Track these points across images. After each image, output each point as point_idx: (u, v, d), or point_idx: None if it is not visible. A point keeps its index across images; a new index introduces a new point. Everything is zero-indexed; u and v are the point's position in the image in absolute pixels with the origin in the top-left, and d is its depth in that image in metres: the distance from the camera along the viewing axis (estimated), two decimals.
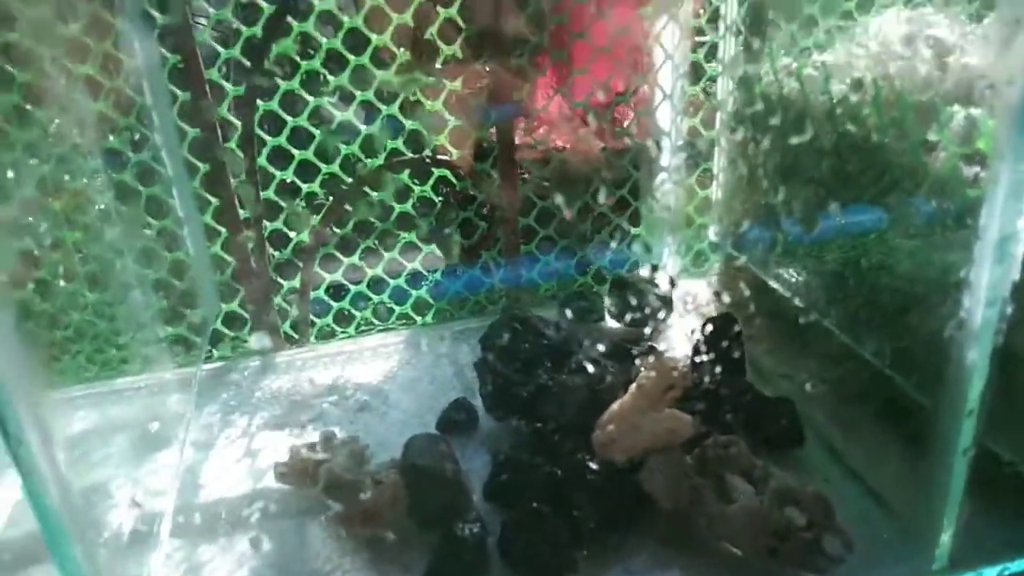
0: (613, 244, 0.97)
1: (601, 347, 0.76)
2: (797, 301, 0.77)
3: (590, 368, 0.70)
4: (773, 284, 0.80)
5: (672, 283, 0.86)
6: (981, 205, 0.45)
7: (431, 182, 0.91)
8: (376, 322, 0.96)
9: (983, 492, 0.53)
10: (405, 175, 0.90)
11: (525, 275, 0.99)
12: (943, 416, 0.50)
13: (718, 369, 0.71)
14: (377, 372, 0.85)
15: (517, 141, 0.89)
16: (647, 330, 0.83)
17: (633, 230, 0.98)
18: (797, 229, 0.75)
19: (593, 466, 0.61)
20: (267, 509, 0.64)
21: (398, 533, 0.60)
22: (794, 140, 0.72)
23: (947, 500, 0.52)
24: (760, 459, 0.60)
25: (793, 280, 0.78)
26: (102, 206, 0.79)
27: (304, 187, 0.88)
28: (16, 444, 0.36)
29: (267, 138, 0.83)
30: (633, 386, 0.63)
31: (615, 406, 0.63)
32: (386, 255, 0.93)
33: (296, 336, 0.93)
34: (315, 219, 0.89)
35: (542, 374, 0.71)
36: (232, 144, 0.83)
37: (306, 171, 0.87)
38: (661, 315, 0.85)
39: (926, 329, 0.59)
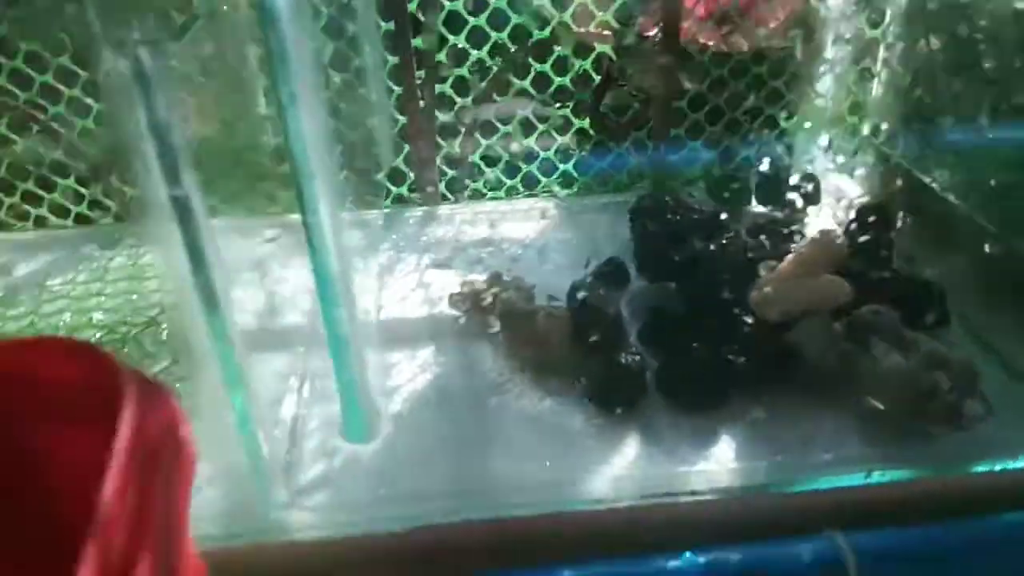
0: (763, 136, 0.99)
1: (752, 224, 0.80)
2: (952, 198, 0.78)
3: (745, 239, 0.74)
4: (926, 180, 0.81)
5: (814, 179, 0.88)
6: None
7: (591, 58, 0.94)
8: (523, 189, 1.02)
9: None
10: (569, 49, 0.93)
11: (671, 159, 1.02)
12: None
13: (869, 251, 0.74)
14: (529, 230, 0.91)
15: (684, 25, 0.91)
16: (796, 215, 0.86)
17: (784, 123, 0.99)
18: (958, 132, 0.76)
19: (748, 320, 0.66)
20: (442, 329, 0.73)
21: (564, 360, 0.67)
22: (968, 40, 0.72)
23: None
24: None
25: (947, 178, 0.80)
26: None
27: (474, 53, 0.93)
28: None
29: (446, 2, 0.88)
30: (792, 255, 0.68)
31: (773, 272, 0.68)
32: (540, 127, 0.98)
33: (452, 196, 1.00)
34: (483, 85, 0.94)
35: (696, 242, 0.75)
36: (413, 5, 0.88)
37: (478, 38, 0.92)
38: (808, 206, 0.88)
39: None
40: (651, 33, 0.92)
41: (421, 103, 0.92)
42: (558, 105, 0.97)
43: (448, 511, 0.54)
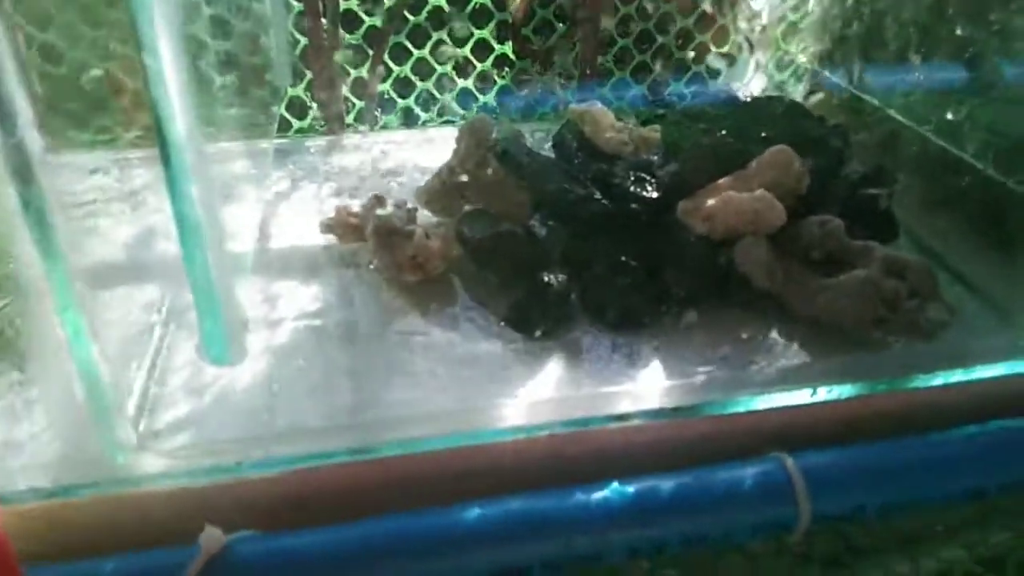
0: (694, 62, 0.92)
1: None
2: (893, 112, 0.73)
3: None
4: (867, 98, 0.76)
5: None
6: None
7: None
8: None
9: None
10: None
11: (599, 91, 0.95)
12: None
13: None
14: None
15: None
16: None
17: (715, 48, 0.93)
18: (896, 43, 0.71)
19: (685, 236, 0.59)
20: (322, 257, 0.64)
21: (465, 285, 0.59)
22: None
23: None
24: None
25: (888, 92, 0.74)
26: None
27: None
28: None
29: None
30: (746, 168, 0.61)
31: (718, 182, 0.61)
32: (457, 51, 0.90)
33: (360, 127, 0.91)
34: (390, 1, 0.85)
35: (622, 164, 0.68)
36: None
37: None
38: None
39: None
40: None
41: (323, 21, 0.83)
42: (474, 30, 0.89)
43: (336, 448, 0.46)
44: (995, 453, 0.49)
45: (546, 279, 0.56)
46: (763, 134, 0.65)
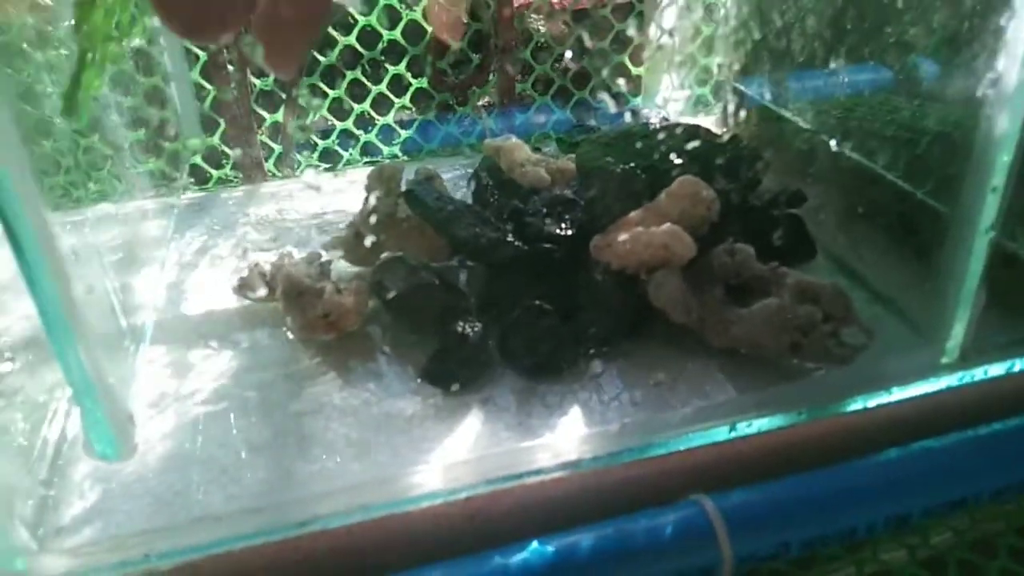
0: (615, 85, 0.92)
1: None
2: (807, 124, 0.73)
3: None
4: (783, 112, 0.76)
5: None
6: None
7: (421, 5, 0.85)
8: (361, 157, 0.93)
9: (997, 293, 0.51)
10: None
11: (521, 118, 0.95)
12: (967, 192, 0.48)
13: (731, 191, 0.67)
14: None
15: None
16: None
17: (634, 69, 0.93)
18: (806, 51, 0.71)
19: (599, 275, 0.58)
20: (236, 321, 0.62)
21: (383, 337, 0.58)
22: None
23: (963, 288, 0.50)
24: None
25: (803, 107, 0.75)
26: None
27: None
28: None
29: None
30: (648, 204, 0.61)
31: (628, 216, 0.60)
32: (373, 88, 0.89)
33: (278, 172, 0.89)
34: None
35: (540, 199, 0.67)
36: None
37: None
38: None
39: (945, 123, 0.56)
40: None
41: (230, 67, 0.81)
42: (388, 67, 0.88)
43: (247, 532, 0.44)
44: (917, 475, 0.49)
45: (462, 329, 0.55)
46: (674, 162, 0.65)
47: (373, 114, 0.90)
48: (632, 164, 0.63)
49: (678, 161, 0.65)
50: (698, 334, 0.56)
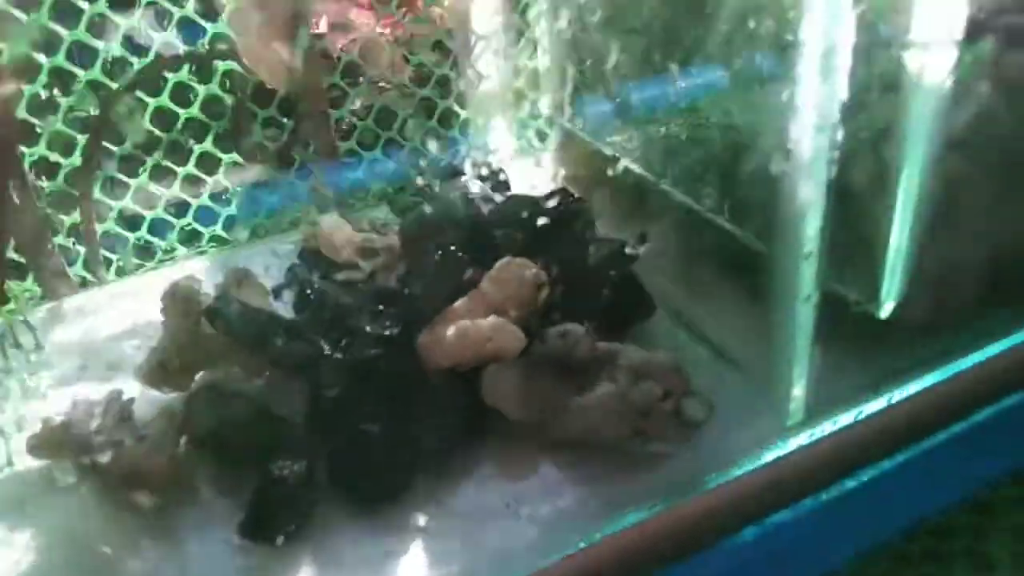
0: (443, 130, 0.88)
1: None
2: (635, 166, 0.71)
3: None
4: (610, 152, 0.74)
5: (494, 171, 0.77)
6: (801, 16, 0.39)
7: (217, 78, 0.78)
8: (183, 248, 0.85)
9: (834, 337, 0.50)
10: (184, 72, 0.77)
11: (350, 177, 0.89)
12: (781, 261, 0.46)
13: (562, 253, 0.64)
14: None
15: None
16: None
17: (462, 112, 0.89)
18: (629, 94, 0.69)
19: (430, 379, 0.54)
20: (35, 486, 0.55)
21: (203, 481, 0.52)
22: None
23: (795, 352, 0.49)
24: (606, 337, 0.55)
25: (629, 145, 0.72)
26: None
27: (63, 100, 0.74)
28: None
29: None
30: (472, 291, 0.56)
31: (454, 306, 0.56)
32: (180, 170, 0.81)
33: (89, 276, 0.80)
34: (82, 138, 0.75)
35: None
36: None
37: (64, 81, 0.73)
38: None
39: (761, 170, 0.54)
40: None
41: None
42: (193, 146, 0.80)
43: None
44: (777, 553, 0.47)
45: (282, 470, 0.50)
46: (496, 238, 0.61)
47: (185, 197, 0.83)
48: (452, 246, 0.59)
49: (502, 232, 0.61)
50: (540, 427, 0.53)
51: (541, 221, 0.63)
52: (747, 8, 0.52)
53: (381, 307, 0.57)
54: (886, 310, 0.51)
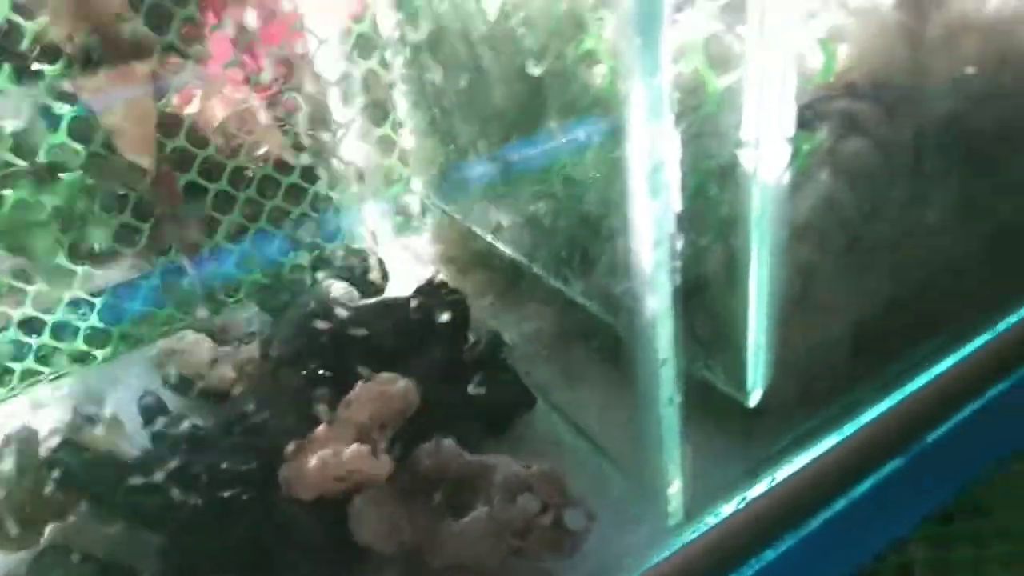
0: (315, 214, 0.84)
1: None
2: (505, 247, 0.69)
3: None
4: (481, 233, 0.72)
5: (364, 267, 0.74)
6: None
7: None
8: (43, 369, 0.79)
9: (709, 426, 0.49)
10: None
11: (220, 271, 0.85)
12: (640, 368, 0.44)
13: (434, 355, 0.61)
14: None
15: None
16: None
17: (333, 195, 0.86)
18: (488, 170, 0.67)
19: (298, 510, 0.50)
20: None
21: None
22: (458, 68, 0.63)
23: (666, 453, 0.47)
24: (478, 447, 0.53)
25: (499, 226, 0.71)
26: None
27: None
28: None
29: None
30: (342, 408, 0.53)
31: (315, 433, 0.53)
32: (31, 288, 0.75)
33: None
34: None
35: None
36: None
37: None
38: (372, 294, 0.74)
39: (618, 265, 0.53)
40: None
41: None
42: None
43: None
44: None
45: None
46: (364, 346, 0.58)
47: (36, 313, 0.77)
48: (314, 364, 0.55)
49: (370, 341, 0.59)
50: (416, 556, 0.50)
51: (410, 324, 0.60)
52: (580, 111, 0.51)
53: (240, 438, 0.54)
54: (754, 398, 0.50)
